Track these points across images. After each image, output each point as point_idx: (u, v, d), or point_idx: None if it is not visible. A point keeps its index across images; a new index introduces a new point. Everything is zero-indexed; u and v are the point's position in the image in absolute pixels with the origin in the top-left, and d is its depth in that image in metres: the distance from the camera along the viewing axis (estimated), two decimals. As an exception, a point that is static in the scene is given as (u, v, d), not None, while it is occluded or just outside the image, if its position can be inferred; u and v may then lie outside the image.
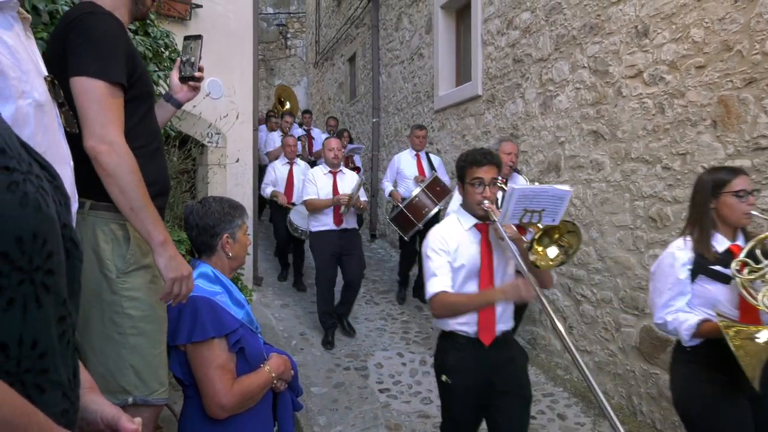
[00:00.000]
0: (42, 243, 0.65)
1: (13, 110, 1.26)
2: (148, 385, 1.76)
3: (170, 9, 4.99)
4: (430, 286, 2.38)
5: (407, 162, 6.04)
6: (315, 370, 4.57)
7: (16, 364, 0.63)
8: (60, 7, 2.26)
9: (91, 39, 1.62)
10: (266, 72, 16.72)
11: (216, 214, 1.94)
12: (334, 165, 5.13)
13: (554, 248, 2.41)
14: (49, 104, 1.41)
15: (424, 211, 5.24)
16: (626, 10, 3.77)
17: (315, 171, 5.22)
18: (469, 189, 2.41)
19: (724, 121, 3.09)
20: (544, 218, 2.31)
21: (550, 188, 2.27)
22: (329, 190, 5.04)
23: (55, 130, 1.44)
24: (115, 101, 1.65)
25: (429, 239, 2.47)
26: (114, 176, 1.59)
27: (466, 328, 2.40)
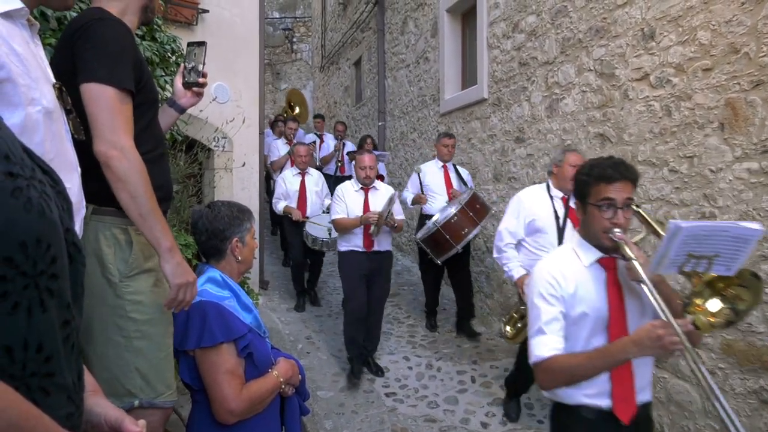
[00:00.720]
0: (46, 247, 0.65)
1: (22, 117, 1.27)
2: (154, 387, 1.76)
3: (177, 14, 5.02)
4: (535, 348, 1.82)
5: (433, 174, 5.39)
6: (321, 374, 4.57)
7: (21, 368, 0.63)
8: (68, 13, 2.28)
9: (101, 45, 1.63)
10: (272, 76, 16.79)
11: (226, 219, 1.95)
12: (366, 183, 4.61)
13: (717, 301, 1.78)
14: (58, 111, 1.42)
15: (463, 232, 4.59)
16: (632, 13, 3.76)
17: (345, 187, 4.65)
18: (594, 212, 1.86)
19: (731, 123, 3.07)
20: (715, 266, 1.70)
21: (732, 226, 1.66)
22: (360, 208, 4.51)
23: (63, 137, 1.45)
24: (124, 107, 1.66)
25: (535, 280, 1.92)
26: (125, 181, 1.60)
27: (597, 400, 1.82)
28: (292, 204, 5.94)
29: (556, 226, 3.48)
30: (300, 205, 5.95)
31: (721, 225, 1.72)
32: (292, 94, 11.00)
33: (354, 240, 4.51)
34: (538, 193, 3.66)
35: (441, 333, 5.42)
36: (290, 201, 5.95)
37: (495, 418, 3.91)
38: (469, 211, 4.62)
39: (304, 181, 6.03)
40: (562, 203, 3.55)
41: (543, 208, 3.55)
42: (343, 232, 4.57)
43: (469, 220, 4.63)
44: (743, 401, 2.99)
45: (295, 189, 5.98)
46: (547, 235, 3.48)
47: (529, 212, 3.56)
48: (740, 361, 3.02)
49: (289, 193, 5.98)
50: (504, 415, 3.91)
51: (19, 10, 1.33)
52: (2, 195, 0.61)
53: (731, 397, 3.05)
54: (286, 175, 6.09)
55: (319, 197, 6.08)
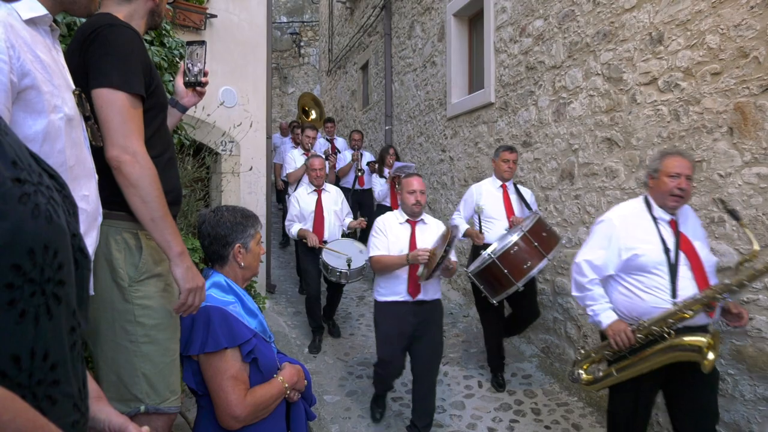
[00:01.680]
0: (53, 254, 0.65)
1: (45, 124, 1.28)
2: (160, 393, 1.76)
3: (185, 19, 5.05)
4: None
5: (490, 196, 4.46)
6: (328, 378, 4.56)
7: (28, 376, 0.63)
8: (78, 19, 2.29)
9: (112, 51, 1.65)
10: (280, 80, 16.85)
11: (228, 224, 1.95)
12: (415, 214, 3.65)
13: None
14: (77, 118, 1.42)
15: (526, 265, 3.68)
16: (640, 17, 3.75)
17: (387, 219, 3.77)
18: None
19: (740, 128, 3.05)
20: None
21: None
22: (405, 244, 3.60)
23: (82, 144, 1.45)
24: (136, 112, 1.68)
25: None
26: (137, 186, 1.61)
27: None
28: (308, 226, 5.16)
29: (667, 262, 2.59)
30: (316, 227, 5.15)
31: None
32: (304, 97, 10.23)
33: (396, 286, 3.55)
34: (637, 211, 2.77)
35: (448, 337, 5.40)
36: (305, 223, 5.18)
37: (502, 424, 3.89)
38: (533, 240, 3.70)
39: (320, 200, 5.24)
40: (671, 228, 2.68)
41: (646, 236, 2.67)
42: (382, 273, 3.63)
43: (532, 252, 3.70)
44: (753, 408, 2.96)
45: (311, 209, 5.19)
46: (656, 277, 2.59)
47: (627, 242, 2.68)
48: (750, 367, 2.99)
49: (304, 214, 5.21)
50: None
51: (43, 17, 1.33)
52: (10, 201, 0.61)
53: (741, 404, 3.02)
54: (299, 194, 5.28)
55: (338, 218, 5.32)
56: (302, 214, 5.21)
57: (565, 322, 4.60)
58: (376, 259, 3.61)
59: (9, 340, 0.61)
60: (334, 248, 4.89)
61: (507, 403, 4.16)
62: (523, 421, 3.94)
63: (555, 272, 4.75)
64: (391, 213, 3.87)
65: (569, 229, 4.56)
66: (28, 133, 1.24)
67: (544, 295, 4.88)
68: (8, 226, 0.60)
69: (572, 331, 4.51)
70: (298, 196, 5.28)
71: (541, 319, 4.65)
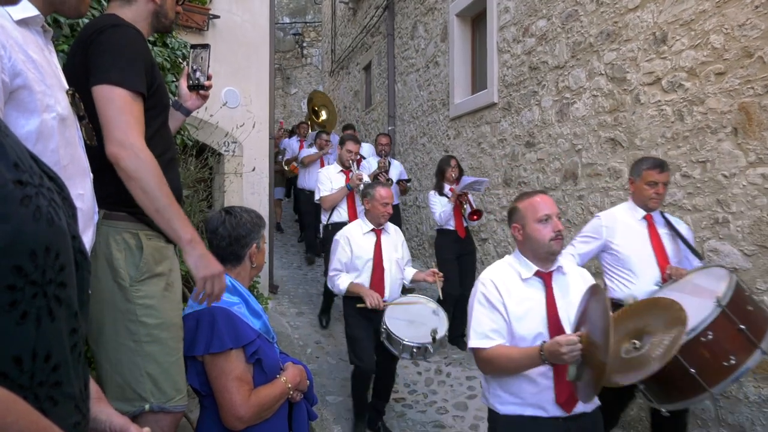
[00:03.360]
0: (55, 256, 0.65)
1: (38, 124, 1.28)
2: (165, 392, 1.76)
3: (188, 20, 5.05)
4: None
5: (630, 232, 3.03)
6: (330, 379, 4.56)
7: (29, 378, 0.63)
8: (81, 20, 2.30)
9: (114, 50, 1.66)
10: (282, 81, 16.87)
11: (248, 225, 1.97)
12: (554, 253, 2.26)
13: None
14: (71, 117, 1.43)
15: (727, 363, 2.25)
16: (644, 17, 3.74)
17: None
18: None
19: (745, 128, 3.04)
20: None
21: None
22: (542, 317, 2.17)
23: (76, 143, 1.46)
24: (135, 108, 1.68)
25: None
26: (136, 179, 1.61)
27: None
28: (363, 280, 3.73)
29: None
30: (375, 282, 3.73)
31: None
32: (315, 96, 9.72)
33: (529, 393, 2.14)
34: None
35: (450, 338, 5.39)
36: (359, 275, 3.74)
37: (505, 425, 3.88)
38: (736, 319, 2.28)
39: (380, 244, 3.81)
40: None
41: None
42: (502, 372, 2.19)
43: (736, 339, 2.28)
44: (758, 410, 2.95)
45: (368, 257, 3.76)
46: None
47: None
48: (754, 369, 2.97)
49: (357, 263, 3.75)
50: None
51: (35, 17, 1.34)
52: (12, 203, 0.60)
53: (745, 406, 3.01)
54: (352, 233, 3.83)
55: (400, 268, 3.85)
56: (353, 263, 3.77)
57: (569, 322, 4.59)
58: (494, 354, 2.14)
59: (10, 342, 0.61)
60: (402, 311, 3.49)
61: (510, 404, 4.15)
62: (526, 422, 3.93)
63: (558, 273, 4.73)
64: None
65: (573, 230, 4.55)
66: (21, 133, 1.24)
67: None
68: (10, 228, 0.60)
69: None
70: (351, 235, 3.81)
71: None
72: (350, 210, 5.10)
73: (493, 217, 5.80)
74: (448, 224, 5.17)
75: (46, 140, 1.30)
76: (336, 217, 5.14)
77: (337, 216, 5.14)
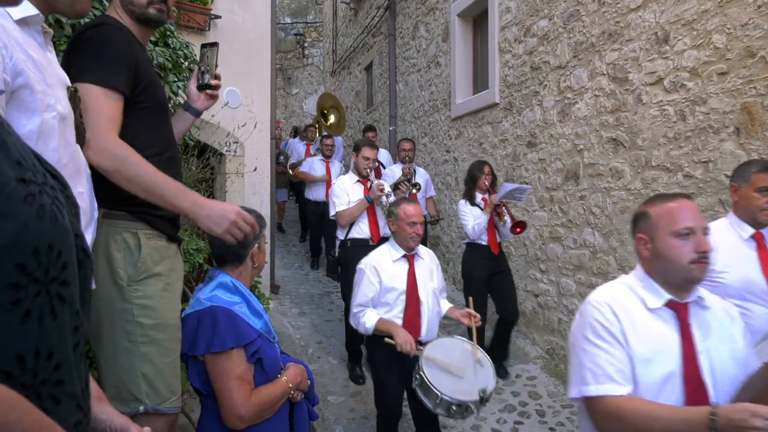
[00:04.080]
0: (57, 254, 0.65)
1: (39, 123, 1.28)
2: (160, 393, 1.76)
3: (189, 20, 5.06)
4: None
5: (737, 254, 2.43)
6: (332, 379, 4.56)
7: (32, 376, 0.63)
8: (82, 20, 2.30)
9: (91, 47, 1.67)
10: (284, 81, 16.88)
11: None
12: (694, 281, 1.74)
13: None
14: (70, 116, 1.43)
15: None
16: (646, 17, 3.73)
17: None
18: None
19: (747, 128, 3.03)
20: None
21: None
22: (675, 363, 1.64)
23: (74, 141, 1.46)
24: (110, 106, 1.67)
25: None
26: (115, 170, 1.61)
27: None
28: (394, 315, 3.10)
29: None
30: (409, 319, 3.09)
31: None
32: (324, 99, 9.46)
33: None
34: None
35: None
36: (389, 309, 3.11)
37: (506, 425, 3.88)
38: None
39: (413, 272, 3.18)
40: None
41: None
42: None
43: None
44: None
45: (400, 288, 3.12)
46: None
47: None
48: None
49: (387, 295, 3.12)
50: None
51: (34, 16, 1.34)
52: (15, 201, 0.60)
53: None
54: (380, 261, 3.19)
55: (436, 300, 3.25)
56: (383, 297, 3.13)
57: (570, 323, 4.58)
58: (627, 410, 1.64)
59: (13, 340, 0.60)
60: (441, 359, 2.82)
61: (511, 404, 4.14)
62: (527, 422, 3.93)
63: (560, 273, 4.73)
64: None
65: (574, 230, 4.54)
66: (23, 132, 1.25)
67: (549, 296, 4.86)
68: (13, 226, 0.59)
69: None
70: (377, 266, 3.16)
71: (546, 320, 4.64)
72: (372, 225, 4.45)
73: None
74: (480, 239, 4.51)
75: (47, 139, 1.31)
76: (356, 232, 4.43)
77: (357, 232, 4.43)
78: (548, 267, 4.81)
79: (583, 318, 1.74)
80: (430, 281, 3.21)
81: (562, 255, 4.65)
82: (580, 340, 1.71)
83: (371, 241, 4.33)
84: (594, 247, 4.28)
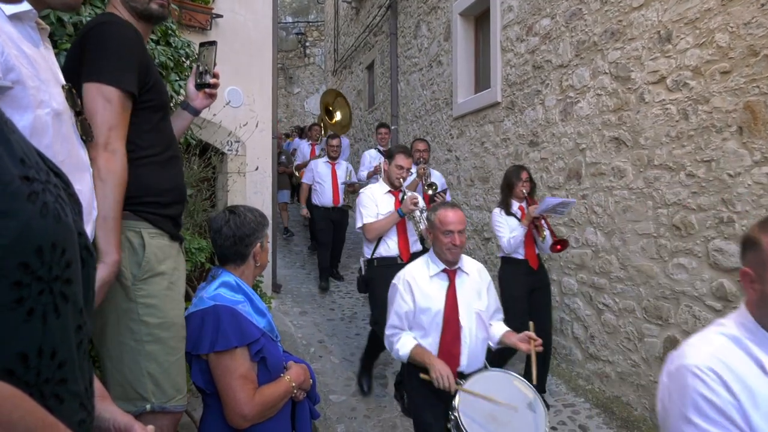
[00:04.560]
0: (61, 252, 0.65)
1: (31, 119, 1.28)
2: (165, 392, 1.76)
3: (191, 19, 5.06)
4: None
5: None
6: (334, 378, 4.56)
7: (35, 375, 0.63)
8: (84, 19, 2.30)
9: (105, 47, 1.65)
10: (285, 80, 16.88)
11: (252, 224, 1.97)
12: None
13: None
14: (67, 113, 1.42)
15: None
16: (648, 16, 3.72)
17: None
18: None
19: (750, 127, 3.02)
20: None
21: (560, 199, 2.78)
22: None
23: (73, 139, 1.45)
24: (122, 108, 1.67)
25: None
26: (104, 181, 1.61)
27: None
28: (430, 342, 2.65)
29: None
30: (447, 344, 2.64)
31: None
32: (329, 95, 8.96)
33: None
34: None
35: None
36: (424, 335, 2.67)
37: (508, 425, 3.87)
38: None
39: (453, 291, 2.70)
40: None
41: None
42: None
43: None
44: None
45: (438, 308, 2.66)
46: None
47: None
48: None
49: (423, 318, 2.67)
50: None
51: (28, 12, 1.34)
52: (19, 199, 0.60)
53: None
54: (415, 276, 2.74)
55: (484, 324, 2.73)
56: (416, 318, 2.69)
57: (572, 322, 4.58)
58: None
59: (17, 339, 0.60)
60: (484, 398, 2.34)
61: (513, 403, 4.14)
62: (529, 421, 3.92)
63: (562, 272, 4.72)
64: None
65: (576, 230, 4.54)
66: None
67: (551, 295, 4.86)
68: (16, 224, 0.59)
69: (579, 332, 4.49)
70: (412, 281, 2.72)
71: (548, 319, 4.63)
72: (401, 241, 4.05)
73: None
74: (517, 252, 4.10)
75: (40, 136, 1.30)
76: (383, 249, 4.04)
77: (385, 249, 4.03)
78: (550, 266, 4.80)
79: (681, 390, 1.30)
80: (476, 301, 2.72)
81: (564, 254, 4.64)
82: (678, 423, 1.28)
83: (400, 259, 3.98)
84: (596, 246, 4.28)
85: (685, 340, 1.39)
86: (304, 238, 9.46)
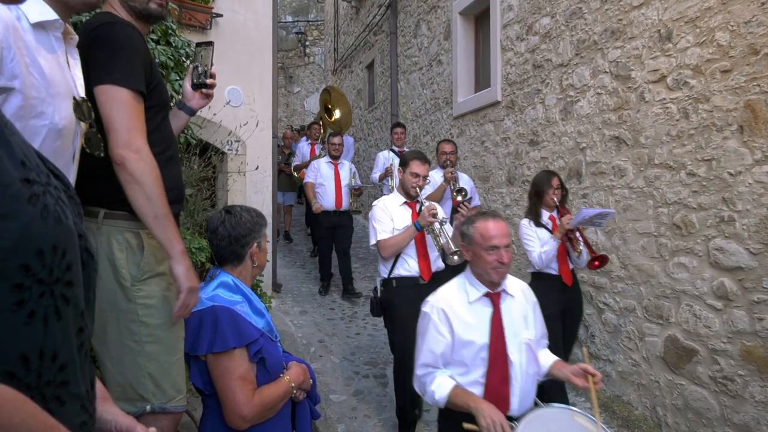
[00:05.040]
0: (62, 255, 0.65)
1: (19, 127, 1.27)
2: (166, 392, 1.76)
3: (191, 19, 5.06)
4: None
5: None
6: (334, 378, 4.56)
7: (36, 377, 0.63)
8: (83, 18, 2.29)
9: (114, 48, 1.65)
10: (285, 80, 16.88)
11: (248, 224, 1.96)
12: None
13: None
14: (70, 130, 1.40)
15: None
16: (649, 14, 3.72)
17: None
18: None
19: (751, 126, 3.02)
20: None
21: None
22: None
23: (67, 156, 1.43)
24: (138, 108, 1.68)
25: None
26: (141, 183, 1.61)
27: None
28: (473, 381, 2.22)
29: None
30: (495, 383, 2.21)
31: None
32: (330, 93, 8.81)
33: None
34: None
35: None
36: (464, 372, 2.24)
37: (509, 424, 3.87)
38: None
39: (499, 317, 2.26)
40: None
41: None
42: None
43: None
44: (763, 409, 2.94)
45: (483, 341, 2.22)
46: None
47: None
48: (760, 368, 2.96)
49: (462, 352, 2.23)
50: None
51: (53, 21, 1.31)
52: (19, 202, 0.60)
53: (751, 406, 3.00)
54: (452, 303, 2.29)
55: (534, 355, 2.33)
56: (457, 353, 2.25)
57: (573, 321, 4.58)
58: None
59: (18, 341, 0.60)
60: None
61: (514, 403, 4.14)
62: (530, 421, 3.92)
63: (562, 271, 4.72)
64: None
65: (576, 228, 4.54)
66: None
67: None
68: (17, 226, 0.59)
69: (579, 331, 4.49)
70: (448, 309, 2.27)
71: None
72: (420, 258, 3.52)
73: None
74: (550, 267, 3.68)
75: None
76: (402, 268, 3.51)
77: (404, 268, 3.51)
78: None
79: None
80: (524, 330, 2.28)
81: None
82: None
83: (421, 279, 3.48)
84: (596, 245, 4.28)
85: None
86: (304, 238, 9.47)
